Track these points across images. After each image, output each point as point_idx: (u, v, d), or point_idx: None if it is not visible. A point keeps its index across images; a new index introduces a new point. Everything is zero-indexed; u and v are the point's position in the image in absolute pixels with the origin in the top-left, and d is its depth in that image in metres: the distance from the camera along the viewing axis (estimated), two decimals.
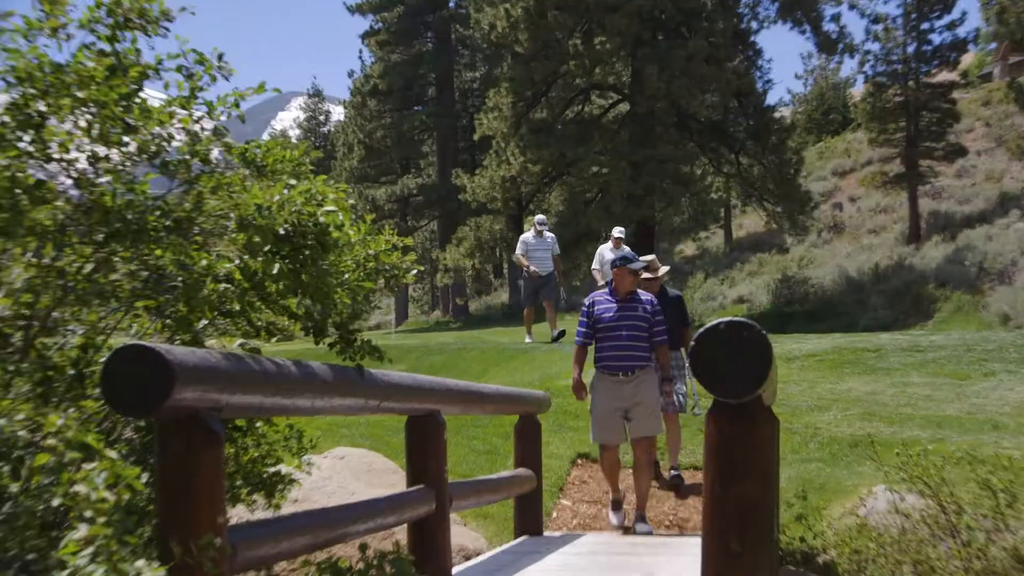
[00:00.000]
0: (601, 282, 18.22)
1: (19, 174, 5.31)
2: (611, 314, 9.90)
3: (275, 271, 5.52)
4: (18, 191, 5.29)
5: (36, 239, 5.40)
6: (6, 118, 5.35)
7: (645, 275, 10.91)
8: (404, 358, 19.07)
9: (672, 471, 11.47)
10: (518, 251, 20.98)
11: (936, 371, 16.47)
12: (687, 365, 11.11)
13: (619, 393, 9.82)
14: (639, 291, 10.16)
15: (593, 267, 20.33)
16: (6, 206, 5.29)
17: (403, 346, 21.90)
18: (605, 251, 19.73)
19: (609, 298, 10.04)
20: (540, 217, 21.55)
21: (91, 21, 5.35)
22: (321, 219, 5.57)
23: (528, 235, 20.91)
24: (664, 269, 11.55)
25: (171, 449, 4.59)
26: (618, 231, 19.72)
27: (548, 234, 20.88)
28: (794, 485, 9.65)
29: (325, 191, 5.74)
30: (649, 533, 9.76)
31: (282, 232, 5.50)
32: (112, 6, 5.33)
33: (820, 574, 8.04)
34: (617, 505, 10.36)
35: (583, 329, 10.12)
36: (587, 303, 10.18)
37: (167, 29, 5.43)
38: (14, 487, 4.60)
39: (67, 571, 4.18)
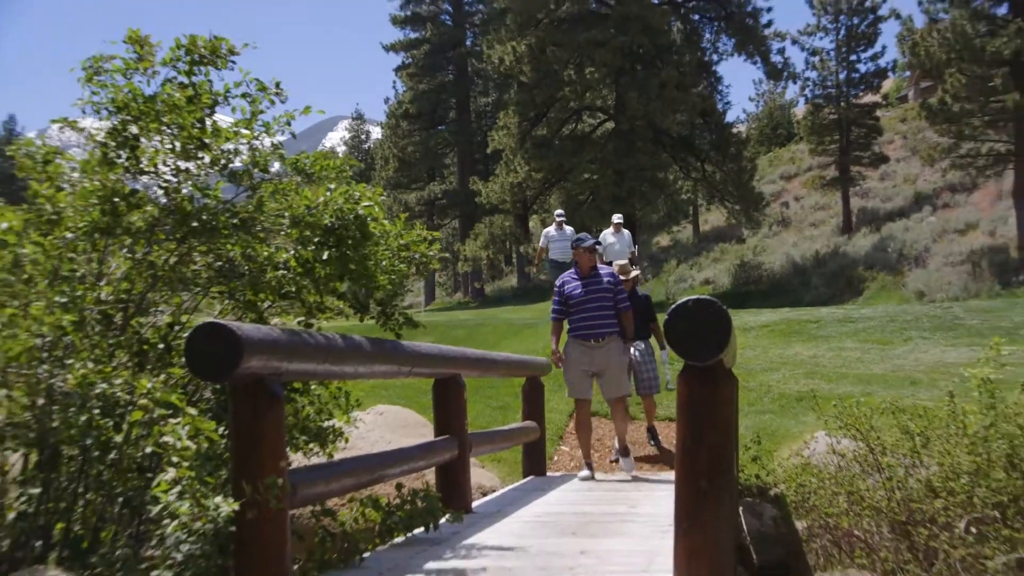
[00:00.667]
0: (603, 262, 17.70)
1: (117, 185, 5.33)
2: (579, 291, 9.33)
3: (324, 256, 5.55)
4: (116, 199, 5.31)
5: (131, 237, 5.42)
6: (108, 140, 5.38)
7: (622, 276, 10.53)
8: (432, 332, 19.08)
9: (648, 435, 11.25)
10: (541, 243, 19.84)
11: (865, 338, 16.47)
12: (664, 349, 10.99)
13: (591, 357, 9.28)
14: (600, 267, 9.62)
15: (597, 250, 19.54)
16: (108, 211, 5.31)
17: (431, 322, 21.90)
18: (607, 235, 18.97)
19: (575, 277, 9.47)
20: (559, 212, 20.31)
21: (173, 59, 5.37)
22: (360, 211, 5.60)
23: (550, 229, 19.60)
24: (635, 272, 11.15)
25: (241, 408, 4.60)
26: (617, 217, 19.20)
27: (567, 227, 19.66)
28: (751, 432, 9.65)
29: (362, 191, 5.76)
30: (630, 469, 9.57)
31: (328, 224, 5.52)
32: (190, 46, 5.35)
33: (772, 504, 8.03)
34: (589, 467, 9.61)
35: (556, 306, 9.55)
36: (558, 284, 9.60)
37: (233, 63, 5.44)
38: (117, 438, 4.62)
39: (160, 506, 4.20)
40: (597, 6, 35.28)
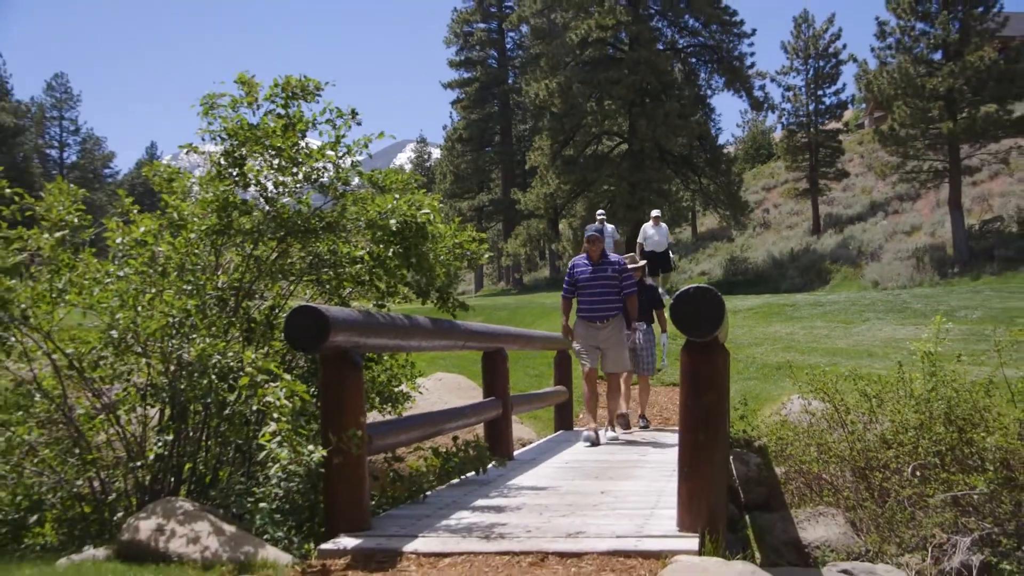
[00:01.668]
0: (637, 253, 16.17)
1: (229, 196, 5.36)
2: (586, 275, 8.43)
3: (390, 253, 5.57)
4: (229, 207, 5.34)
5: (241, 237, 5.45)
6: (222, 160, 5.42)
7: (630, 265, 9.44)
8: (480, 313, 19.07)
9: (640, 420, 9.88)
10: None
11: (831, 319, 16.31)
12: (664, 333, 10.20)
13: (595, 335, 8.39)
14: (610, 255, 8.66)
15: (638, 240, 18.05)
16: (222, 216, 5.35)
17: (479, 306, 21.88)
18: (647, 228, 17.86)
19: (586, 262, 8.50)
20: (600, 212, 17.94)
21: (272, 95, 5.40)
22: (419, 219, 5.61)
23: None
24: (641, 263, 10.13)
25: (328, 374, 4.62)
26: (655, 212, 18.08)
27: (608, 225, 17.15)
28: (739, 395, 9.57)
29: (422, 200, 5.77)
30: (616, 439, 8.66)
31: (394, 228, 5.53)
32: (284, 85, 5.37)
33: (756, 453, 7.99)
34: (596, 434, 8.53)
35: (567, 286, 8.61)
36: (570, 266, 8.62)
37: (319, 96, 5.45)
38: (231, 398, 4.65)
39: (264, 452, 4.23)
40: (614, 52, 35.12)
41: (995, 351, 6.53)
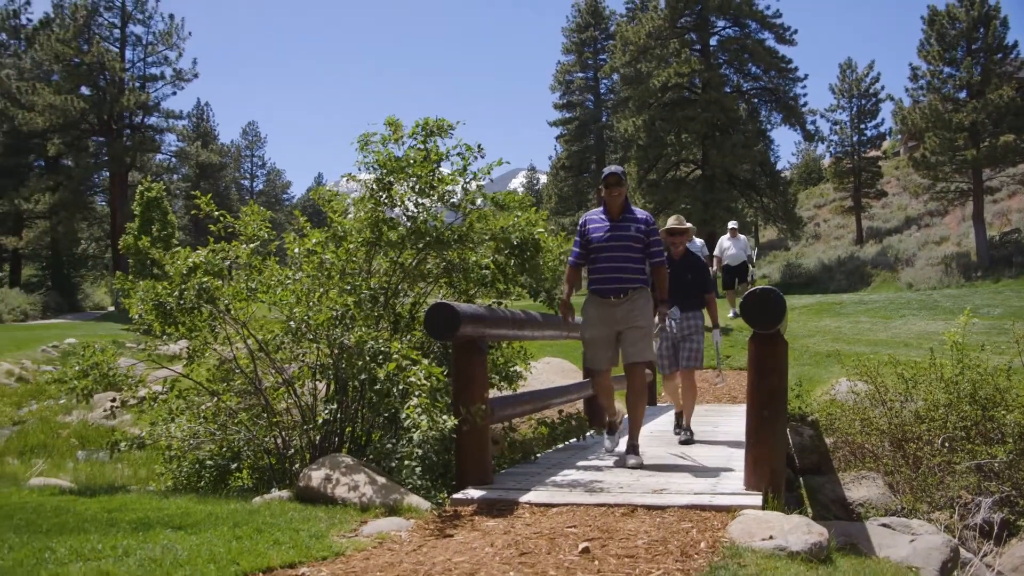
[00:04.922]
0: (715, 267, 14.02)
1: (380, 214, 5.44)
2: (601, 233, 5.14)
3: (511, 263, 5.56)
4: (380, 223, 5.41)
5: (389, 247, 5.51)
6: (374, 186, 5.49)
7: (677, 227, 6.80)
8: (579, 309, 18.99)
9: (681, 431, 6.44)
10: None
11: (873, 315, 15.68)
12: (716, 328, 6.59)
13: (611, 316, 5.16)
14: (636, 210, 5.23)
15: (715, 253, 14.69)
16: (374, 231, 5.43)
17: (579, 303, 21.79)
18: (724, 240, 14.68)
19: (602, 217, 5.21)
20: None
21: (413, 133, 5.44)
22: (535, 236, 5.58)
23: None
24: (689, 226, 6.90)
25: (459, 358, 4.62)
26: (732, 223, 15.23)
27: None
28: (795, 378, 9.24)
29: (534, 217, 5.75)
30: (639, 466, 5.06)
31: (515, 243, 5.51)
32: (423, 125, 5.40)
33: (810, 426, 7.76)
34: (612, 428, 5.86)
35: (576, 250, 5.29)
36: (581, 223, 5.28)
37: (451, 134, 5.47)
38: (381, 375, 4.70)
39: (409, 420, 4.26)
40: (689, 94, 34.47)
41: (1014, 342, 6.42)
